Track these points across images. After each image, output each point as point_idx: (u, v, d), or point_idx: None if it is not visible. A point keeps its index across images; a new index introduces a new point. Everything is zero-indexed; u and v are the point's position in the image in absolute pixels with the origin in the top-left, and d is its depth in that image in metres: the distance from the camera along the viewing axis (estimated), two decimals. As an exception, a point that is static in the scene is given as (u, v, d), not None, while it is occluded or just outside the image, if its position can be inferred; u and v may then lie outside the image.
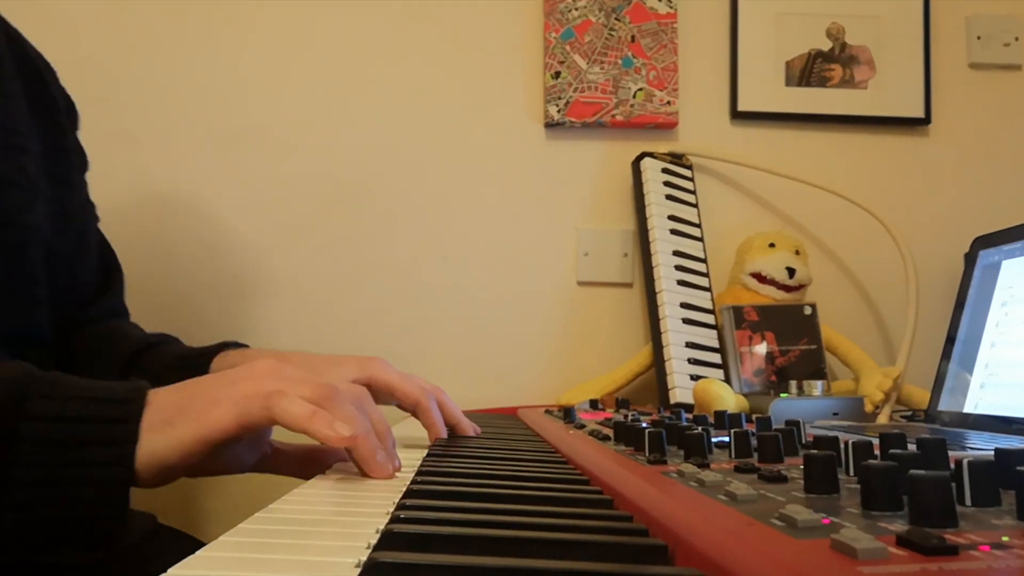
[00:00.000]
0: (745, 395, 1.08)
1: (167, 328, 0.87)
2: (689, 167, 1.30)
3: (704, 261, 1.24)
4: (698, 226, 1.27)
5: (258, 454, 0.59)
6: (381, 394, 0.66)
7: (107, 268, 0.89)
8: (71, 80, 0.85)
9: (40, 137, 0.75)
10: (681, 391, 1.09)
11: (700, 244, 1.25)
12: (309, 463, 0.61)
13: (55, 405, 0.44)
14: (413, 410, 0.67)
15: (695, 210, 1.28)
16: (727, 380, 1.11)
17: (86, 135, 0.86)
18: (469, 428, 0.71)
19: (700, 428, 0.50)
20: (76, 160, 0.83)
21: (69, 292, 0.79)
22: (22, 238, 0.70)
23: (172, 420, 0.46)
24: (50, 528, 0.43)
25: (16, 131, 0.72)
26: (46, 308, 0.75)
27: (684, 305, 1.18)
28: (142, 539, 0.75)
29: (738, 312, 1.15)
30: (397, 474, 0.51)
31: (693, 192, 1.29)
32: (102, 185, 0.88)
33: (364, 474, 0.50)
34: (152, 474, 0.45)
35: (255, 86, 1.30)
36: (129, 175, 1.27)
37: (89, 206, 0.87)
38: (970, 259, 1.00)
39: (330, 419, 0.47)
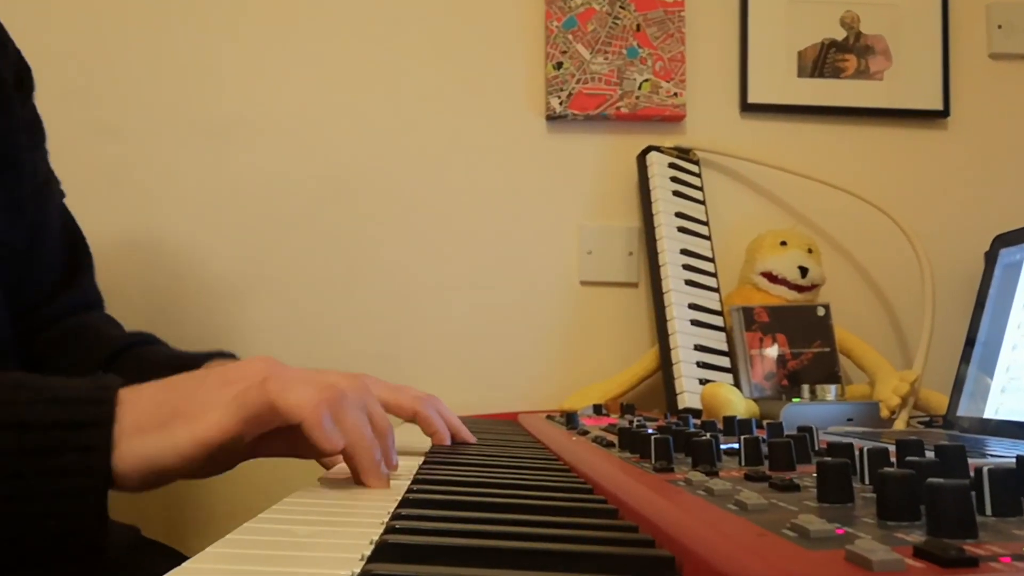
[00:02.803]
0: (755, 400, 1.08)
1: (149, 330, 0.86)
2: (696, 162, 1.31)
3: (712, 260, 1.24)
4: (706, 224, 1.27)
5: (251, 448, 0.56)
6: None
7: (73, 254, 0.84)
8: (47, 71, 0.84)
9: None
10: (690, 396, 1.09)
11: (708, 243, 1.25)
12: (301, 442, 0.58)
13: (16, 410, 0.43)
14: (411, 420, 0.67)
15: (702, 207, 1.28)
16: (736, 384, 1.11)
17: (63, 127, 0.85)
18: (469, 435, 0.71)
19: (708, 434, 0.50)
20: (26, 138, 0.77)
21: (27, 288, 0.75)
22: None
23: (166, 422, 0.45)
24: (20, 545, 0.42)
25: None
26: (3, 310, 0.71)
27: (692, 306, 1.18)
28: (124, 552, 0.74)
29: (748, 313, 1.14)
30: (392, 481, 0.51)
31: (700, 188, 1.29)
32: (79, 178, 0.87)
33: (358, 481, 0.50)
34: (142, 477, 0.44)
35: (239, 77, 1.30)
36: (108, 169, 1.27)
37: (47, 186, 0.81)
38: (990, 258, 1.00)
39: (329, 420, 0.46)
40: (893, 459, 0.41)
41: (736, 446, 0.50)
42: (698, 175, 1.30)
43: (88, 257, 0.87)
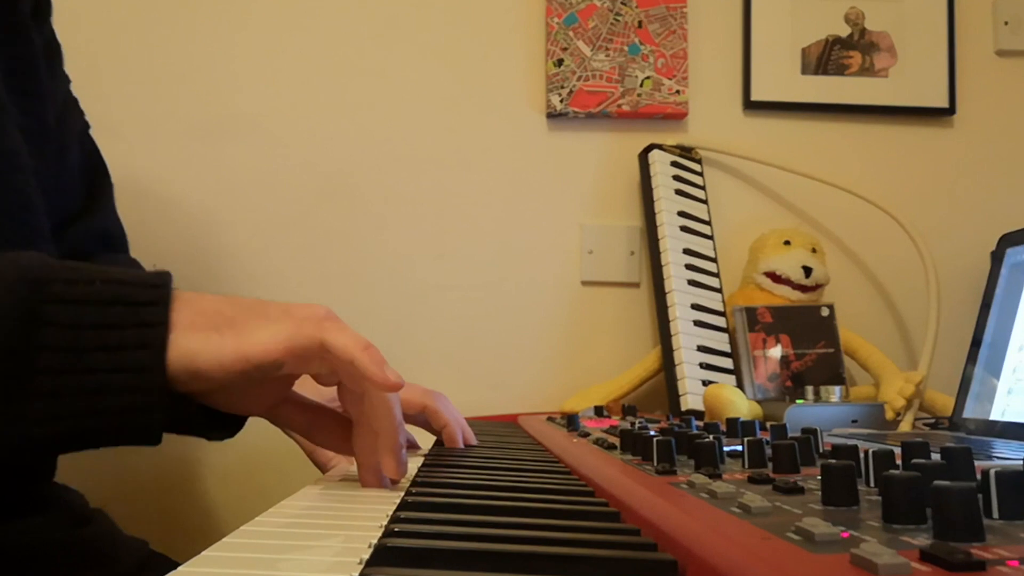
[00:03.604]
0: (759, 401, 1.08)
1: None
2: (699, 161, 1.31)
3: (715, 260, 1.24)
4: (708, 223, 1.27)
5: (278, 396, 0.56)
6: None
7: (93, 180, 0.84)
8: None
9: (2, 49, 0.70)
10: (693, 397, 1.09)
11: (710, 242, 1.25)
12: (318, 424, 0.58)
13: (80, 288, 0.43)
14: (419, 414, 0.67)
15: (705, 206, 1.28)
16: (739, 385, 1.11)
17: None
18: (471, 436, 0.71)
19: (711, 436, 0.50)
20: (44, 64, 0.77)
21: (56, 215, 0.75)
22: (5, 166, 0.66)
23: (219, 327, 0.46)
24: (84, 420, 0.42)
25: None
26: (49, 239, 0.71)
27: (695, 307, 1.18)
28: (134, 566, 0.75)
29: (751, 313, 1.14)
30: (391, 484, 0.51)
31: (703, 187, 1.29)
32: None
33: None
34: (179, 373, 0.44)
35: (239, 73, 1.30)
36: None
37: (67, 110, 0.82)
38: (997, 257, 1.00)
39: (381, 358, 0.48)
40: (898, 461, 0.41)
41: (739, 448, 0.49)
42: (700, 174, 1.30)
43: (108, 185, 0.87)
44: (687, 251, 1.22)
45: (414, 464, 0.59)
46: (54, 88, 0.78)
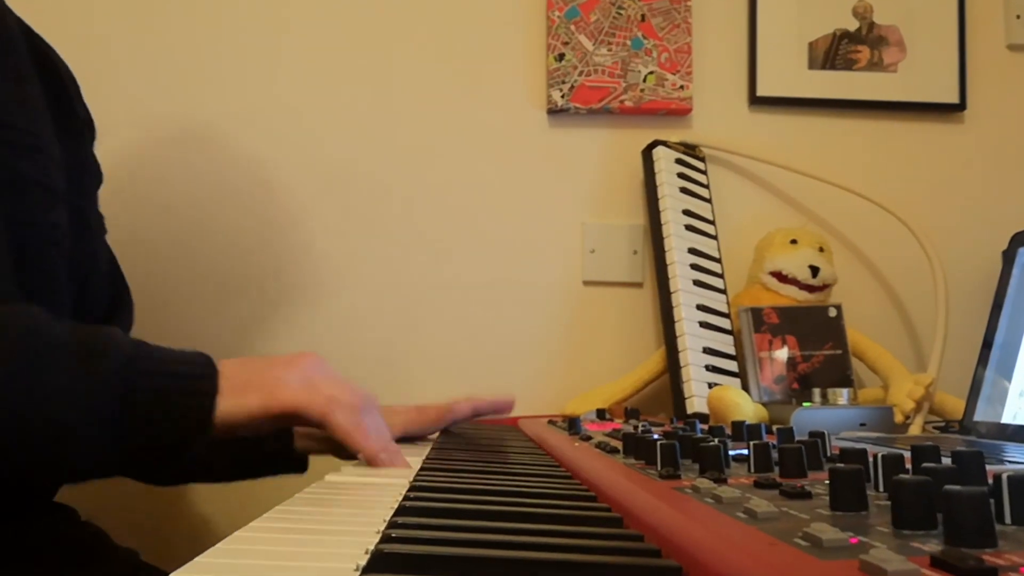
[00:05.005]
0: (764, 404, 1.08)
1: (140, 331, 0.87)
2: (703, 158, 1.31)
3: (719, 260, 1.24)
4: (712, 222, 1.27)
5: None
6: None
7: (116, 291, 0.90)
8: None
9: (61, 145, 0.77)
10: (699, 400, 1.09)
11: (715, 242, 1.25)
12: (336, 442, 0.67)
13: (157, 364, 0.57)
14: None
15: (709, 205, 1.28)
16: (745, 388, 1.11)
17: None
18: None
19: (716, 440, 0.50)
20: (91, 175, 0.86)
21: (82, 308, 0.80)
22: (46, 238, 0.71)
23: (243, 390, 0.59)
24: (159, 440, 0.56)
25: (37, 134, 0.73)
26: (69, 319, 0.74)
27: (700, 307, 1.18)
28: (127, 575, 0.76)
29: (757, 314, 1.14)
30: (389, 487, 0.51)
31: (707, 185, 1.29)
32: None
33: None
34: (221, 427, 0.58)
35: (238, 71, 1.30)
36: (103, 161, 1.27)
37: (99, 221, 0.88)
38: (1008, 257, 1.00)
39: (366, 431, 0.61)
40: (908, 465, 0.41)
41: (745, 452, 0.49)
42: (704, 171, 1.30)
43: (129, 303, 0.92)
44: (692, 250, 1.22)
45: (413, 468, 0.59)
46: (94, 194, 0.88)
